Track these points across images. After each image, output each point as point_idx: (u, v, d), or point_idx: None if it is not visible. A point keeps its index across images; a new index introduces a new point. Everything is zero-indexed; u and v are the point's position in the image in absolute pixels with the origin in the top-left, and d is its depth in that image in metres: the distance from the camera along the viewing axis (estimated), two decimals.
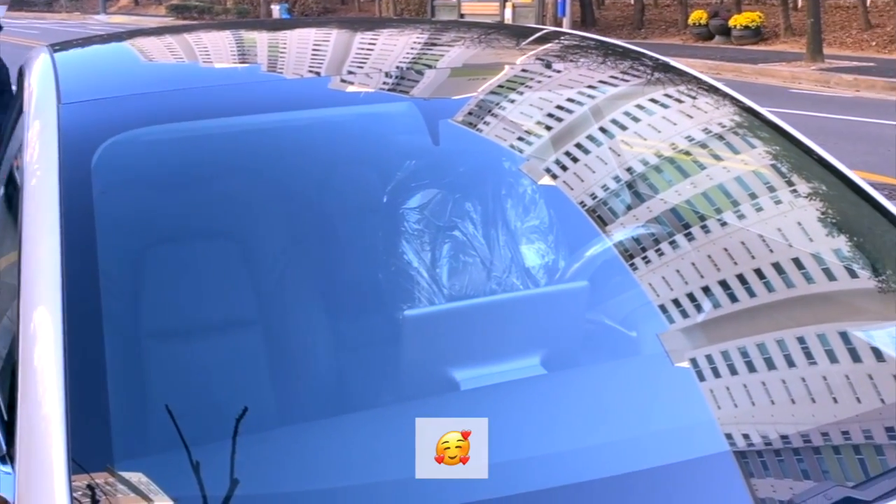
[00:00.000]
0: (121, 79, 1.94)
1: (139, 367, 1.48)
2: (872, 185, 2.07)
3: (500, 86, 2.19)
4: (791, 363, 1.61)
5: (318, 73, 2.07)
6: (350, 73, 2.03)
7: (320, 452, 1.37)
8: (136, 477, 1.21)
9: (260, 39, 2.41)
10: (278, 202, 1.82)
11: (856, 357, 1.60)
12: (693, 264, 1.98)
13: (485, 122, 2.11)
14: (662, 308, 1.87)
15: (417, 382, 1.59)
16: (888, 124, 10.18)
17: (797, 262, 1.89)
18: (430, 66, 2.13)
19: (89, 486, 1.15)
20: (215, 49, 2.31)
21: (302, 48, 2.32)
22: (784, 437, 1.38)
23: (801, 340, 1.67)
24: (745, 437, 1.40)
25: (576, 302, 1.81)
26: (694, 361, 1.63)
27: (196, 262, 1.68)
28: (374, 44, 2.35)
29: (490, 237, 2.17)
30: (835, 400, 1.51)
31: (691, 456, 1.32)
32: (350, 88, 2.00)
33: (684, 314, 1.86)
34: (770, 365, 1.61)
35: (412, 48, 2.28)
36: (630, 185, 2.23)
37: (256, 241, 1.75)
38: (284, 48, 2.32)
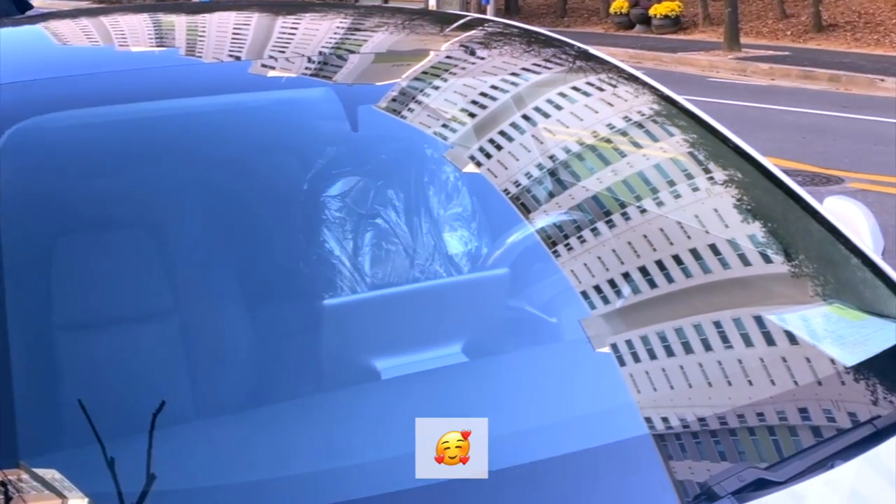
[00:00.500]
0: (30, 62, 1.88)
1: (50, 361, 1.44)
2: (787, 171, 2.11)
3: (424, 72, 2.18)
4: (708, 347, 1.64)
5: (237, 58, 2.03)
6: (270, 57, 1.99)
7: (238, 445, 1.35)
8: (49, 473, 1.17)
9: (178, 22, 2.35)
10: (194, 189, 1.78)
11: (770, 340, 1.64)
12: (613, 251, 2.00)
13: (408, 109, 2.10)
14: (583, 294, 1.89)
15: (337, 372, 1.58)
16: (802, 112, 10.45)
17: (713, 248, 1.92)
18: (352, 52, 2.11)
19: (1, 483, 1.11)
20: (132, 32, 2.25)
21: (222, 32, 2.27)
22: (701, 420, 1.41)
23: (717, 325, 1.70)
24: (664, 420, 1.42)
25: (497, 289, 1.82)
26: (614, 346, 1.65)
27: (109, 251, 1.64)
28: (295, 28, 2.32)
29: (412, 225, 2.16)
30: (750, 382, 1.55)
31: (611, 440, 1.34)
32: (270, 73, 1.96)
33: (605, 300, 1.88)
34: (688, 349, 1.64)
35: (334, 33, 2.26)
36: (552, 173, 2.24)
37: (172, 230, 1.71)
38: (203, 32, 2.28)
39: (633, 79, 2.19)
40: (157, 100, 1.75)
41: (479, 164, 2.30)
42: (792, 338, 1.64)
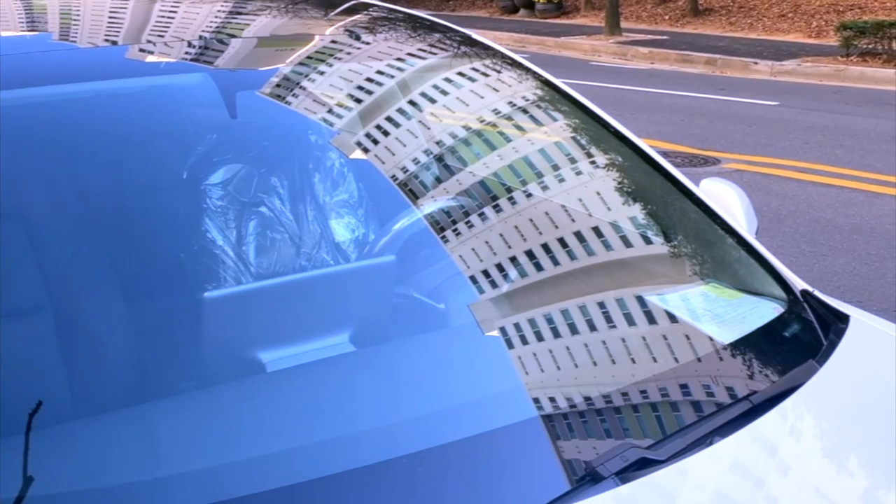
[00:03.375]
0: None
1: None
2: (666, 153, 2.17)
3: (308, 57, 2.15)
4: (592, 327, 1.67)
5: (113, 42, 1.96)
6: (148, 42, 1.93)
7: (119, 445, 1.31)
8: None
9: (51, 5, 2.26)
10: (68, 179, 1.71)
11: (651, 320, 1.68)
12: (500, 235, 2.02)
13: (291, 95, 2.07)
14: (471, 279, 1.90)
15: (221, 366, 1.55)
16: (680, 95, 10.75)
17: (597, 231, 1.96)
18: (233, 36, 2.06)
19: None
20: (0, 15, 2.15)
21: (97, 15, 2.19)
22: (587, 400, 1.44)
23: (601, 306, 1.73)
24: (552, 401, 1.45)
25: (383, 277, 1.81)
26: (502, 330, 1.66)
27: None
28: (175, 12, 2.25)
29: (297, 213, 2.13)
30: (633, 361, 1.59)
31: (500, 424, 1.35)
32: (148, 58, 1.90)
33: (492, 284, 1.90)
34: (573, 330, 1.67)
35: (216, 17, 2.20)
36: (438, 158, 2.25)
37: (44, 222, 1.64)
38: (78, 15, 2.19)
39: (515, 64, 2.21)
40: (29, 87, 1.67)
41: (364, 151, 2.28)
42: (672, 317, 1.69)
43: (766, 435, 1.37)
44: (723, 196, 2.12)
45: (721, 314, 1.70)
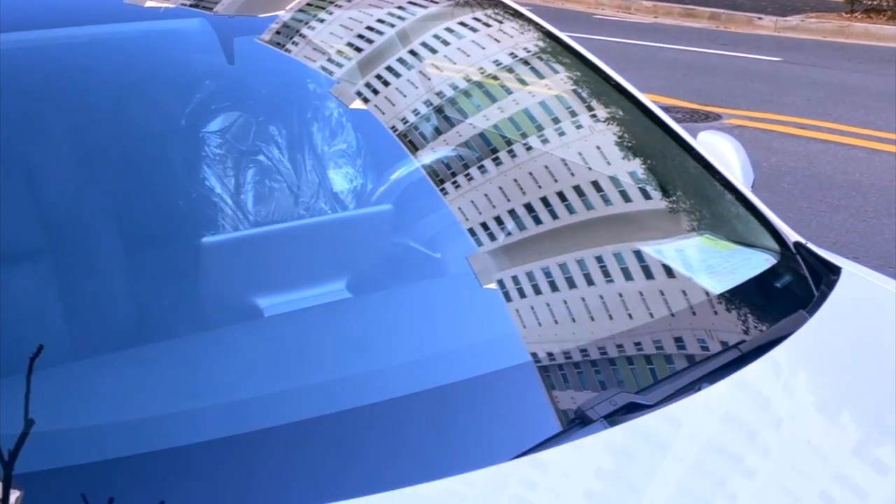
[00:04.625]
0: None
1: None
2: (667, 108, 2.17)
3: (308, 4, 2.15)
4: (588, 278, 1.69)
5: None
6: None
7: (117, 385, 1.33)
8: None
9: None
10: (66, 124, 1.72)
11: (647, 272, 1.70)
12: (499, 187, 2.03)
13: (291, 42, 2.07)
14: (468, 230, 1.92)
15: (218, 310, 1.57)
16: (683, 49, 10.68)
17: (594, 184, 1.97)
18: None
19: None
20: None
21: None
22: (582, 349, 1.46)
23: (597, 257, 1.75)
24: (546, 348, 1.47)
25: (380, 225, 1.83)
26: (499, 281, 1.68)
27: None
28: None
29: (296, 161, 2.14)
30: (626, 310, 1.61)
31: (495, 368, 1.37)
32: (146, 3, 1.90)
33: (489, 236, 1.91)
34: (569, 281, 1.68)
35: None
36: (438, 109, 2.25)
37: (43, 166, 1.65)
38: None
39: (518, 15, 2.20)
40: (27, 30, 1.67)
41: (364, 100, 2.28)
42: (665, 268, 1.70)
43: (754, 382, 1.40)
44: (720, 149, 2.13)
45: (714, 265, 1.72)
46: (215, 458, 1.18)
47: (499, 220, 1.93)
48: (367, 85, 2.23)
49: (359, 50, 2.21)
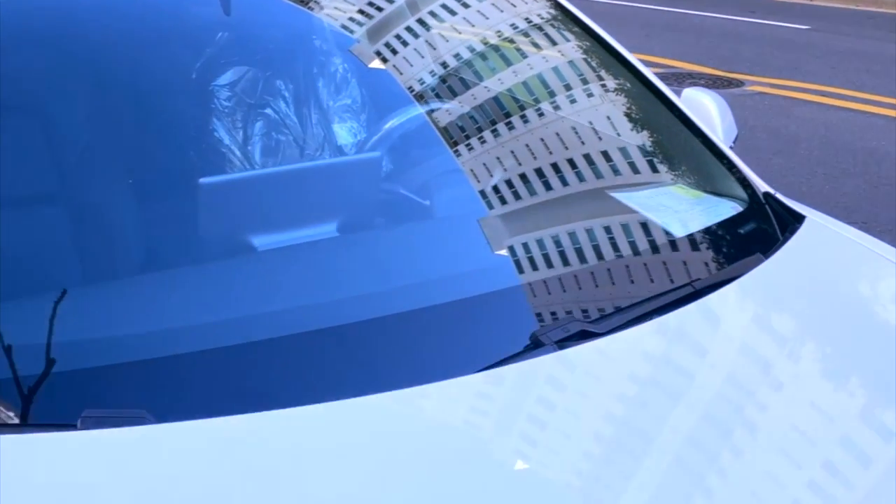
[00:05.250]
0: None
1: None
2: (689, 73, 2.24)
3: None
4: (562, 221, 1.79)
5: None
6: None
7: (123, 308, 1.46)
8: None
9: None
10: (71, 71, 1.83)
11: (615, 213, 1.79)
12: (483, 139, 2.12)
13: None
14: (456, 179, 2.02)
15: (217, 245, 1.68)
16: (709, 16, 10.63)
17: (576, 133, 2.06)
18: None
19: None
20: None
21: None
22: (544, 281, 1.56)
23: (573, 201, 1.85)
24: (513, 280, 1.58)
25: (370, 171, 1.93)
26: (480, 224, 1.78)
27: None
28: None
29: (299, 112, 2.24)
30: (594, 249, 1.71)
31: (465, 296, 1.48)
32: None
33: (476, 182, 2.01)
34: (544, 224, 1.78)
35: None
36: (438, 69, 2.34)
37: (53, 115, 1.77)
38: None
39: None
40: None
41: (367, 55, 2.38)
42: (634, 211, 1.80)
43: (701, 317, 1.50)
44: (703, 105, 2.21)
45: (682, 211, 1.81)
46: (210, 364, 1.31)
47: (484, 168, 2.03)
48: (371, 40, 2.33)
49: (362, 11, 2.31)
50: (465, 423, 1.29)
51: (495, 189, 1.90)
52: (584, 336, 1.39)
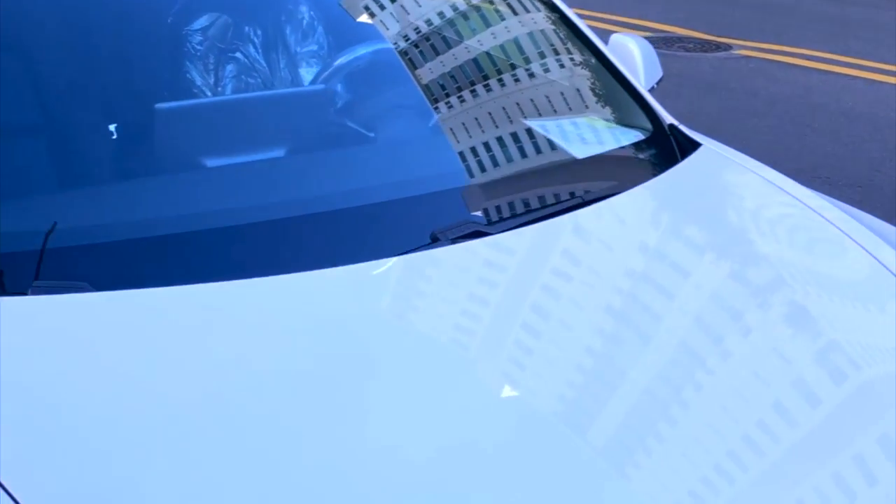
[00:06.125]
0: None
1: None
2: (678, 38, 2.44)
3: None
4: (482, 149, 2.00)
5: None
6: None
7: (85, 204, 1.69)
8: None
9: None
10: (49, 13, 2.03)
11: (533, 140, 2.00)
12: (431, 78, 2.33)
13: None
14: (402, 116, 2.23)
15: (168, 162, 1.90)
16: None
17: (511, 70, 2.27)
18: None
19: None
20: None
21: None
22: (453, 191, 1.78)
23: (497, 122, 2.07)
24: (432, 189, 1.79)
25: (318, 103, 2.15)
26: (407, 144, 2.00)
27: None
28: None
29: (261, 50, 2.45)
30: (504, 162, 1.92)
31: (384, 200, 1.71)
32: None
33: (422, 119, 2.23)
34: (471, 141, 2.00)
35: None
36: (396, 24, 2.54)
37: (42, 55, 1.97)
38: None
39: None
40: None
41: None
42: (543, 136, 2.01)
43: (583, 225, 1.73)
44: (628, 49, 2.41)
45: (588, 137, 2.02)
46: (147, 247, 1.55)
47: (432, 103, 2.23)
48: None
49: None
50: (357, 297, 1.52)
51: (425, 116, 2.12)
52: (477, 235, 1.61)
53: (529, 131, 2.01)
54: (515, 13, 2.41)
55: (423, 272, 1.57)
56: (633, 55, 2.40)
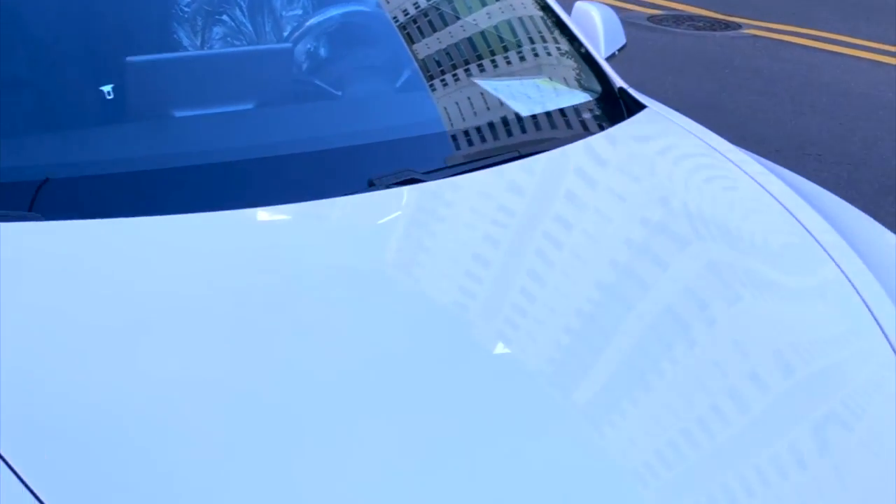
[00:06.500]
0: None
1: None
2: (689, 16, 2.53)
3: None
4: (445, 99, 2.11)
5: None
6: None
7: (52, 144, 1.82)
8: None
9: None
10: None
11: (483, 95, 2.10)
12: (396, 42, 2.44)
13: None
14: (368, 77, 2.34)
15: (139, 111, 2.02)
16: None
17: (472, 35, 2.37)
18: None
19: None
20: None
21: None
22: (396, 142, 1.89)
23: (457, 80, 2.17)
24: (377, 138, 1.90)
25: (284, 60, 2.26)
26: (361, 100, 2.11)
27: None
28: None
29: (246, 18, 2.56)
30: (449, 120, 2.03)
31: (338, 147, 1.83)
32: None
33: (388, 80, 2.33)
34: (428, 100, 2.11)
35: None
36: None
37: (35, 16, 2.09)
38: None
39: None
40: None
41: None
42: (498, 99, 2.11)
43: (511, 176, 1.83)
44: (590, 17, 2.50)
45: (537, 97, 2.12)
46: (100, 183, 1.67)
47: (395, 67, 2.35)
48: None
49: None
50: (291, 229, 1.67)
51: (383, 74, 2.23)
52: (412, 182, 1.72)
53: (480, 91, 2.12)
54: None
55: (355, 214, 1.69)
56: (594, 22, 2.48)
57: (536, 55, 2.32)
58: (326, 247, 1.62)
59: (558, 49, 2.31)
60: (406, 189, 1.70)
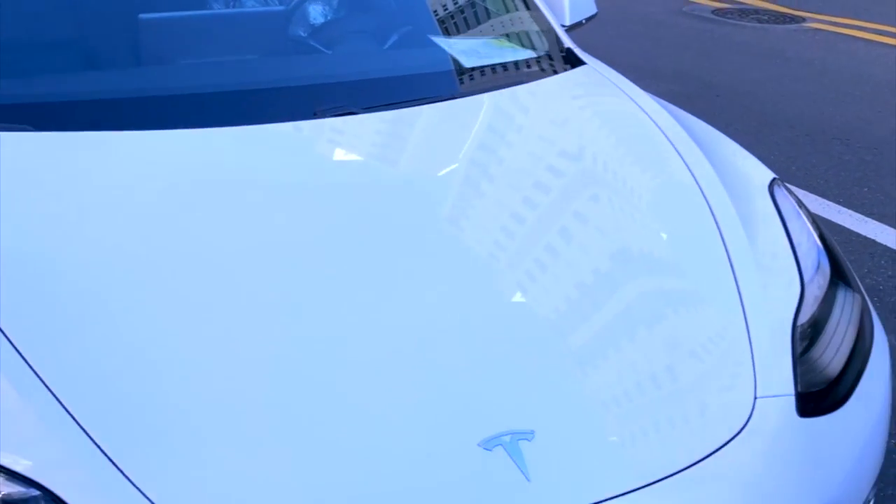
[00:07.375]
0: None
1: None
2: (755, 9, 2.82)
3: None
4: (403, 61, 2.42)
5: None
6: None
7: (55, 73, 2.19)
8: None
9: None
10: None
11: (433, 51, 2.40)
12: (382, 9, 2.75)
13: None
14: (356, 40, 2.66)
15: (148, 59, 2.38)
16: None
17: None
18: None
19: None
20: None
21: None
22: (352, 82, 2.20)
23: (425, 45, 2.47)
24: (336, 80, 2.22)
25: (278, 21, 2.60)
26: (326, 51, 2.45)
27: None
28: None
29: None
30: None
31: (285, 85, 2.17)
32: None
33: (377, 43, 2.65)
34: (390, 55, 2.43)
35: None
36: None
37: None
38: None
39: None
40: None
41: None
42: (450, 55, 2.41)
43: (458, 111, 2.14)
44: None
45: (486, 53, 2.41)
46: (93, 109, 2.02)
47: (380, 34, 2.66)
48: None
49: None
50: (236, 146, 1.96)
51: (362, 31, 2.56)
52: (348, 113, 2.04)
53: (434, 46, 2.42)
54: None
55: (297, 136, 2.02)
56: None
57: (491, 16, 2.61)
58: (266, 156, 1.96)
59: (518, 14, 2.60)
60: (342, 119, 2.02)
